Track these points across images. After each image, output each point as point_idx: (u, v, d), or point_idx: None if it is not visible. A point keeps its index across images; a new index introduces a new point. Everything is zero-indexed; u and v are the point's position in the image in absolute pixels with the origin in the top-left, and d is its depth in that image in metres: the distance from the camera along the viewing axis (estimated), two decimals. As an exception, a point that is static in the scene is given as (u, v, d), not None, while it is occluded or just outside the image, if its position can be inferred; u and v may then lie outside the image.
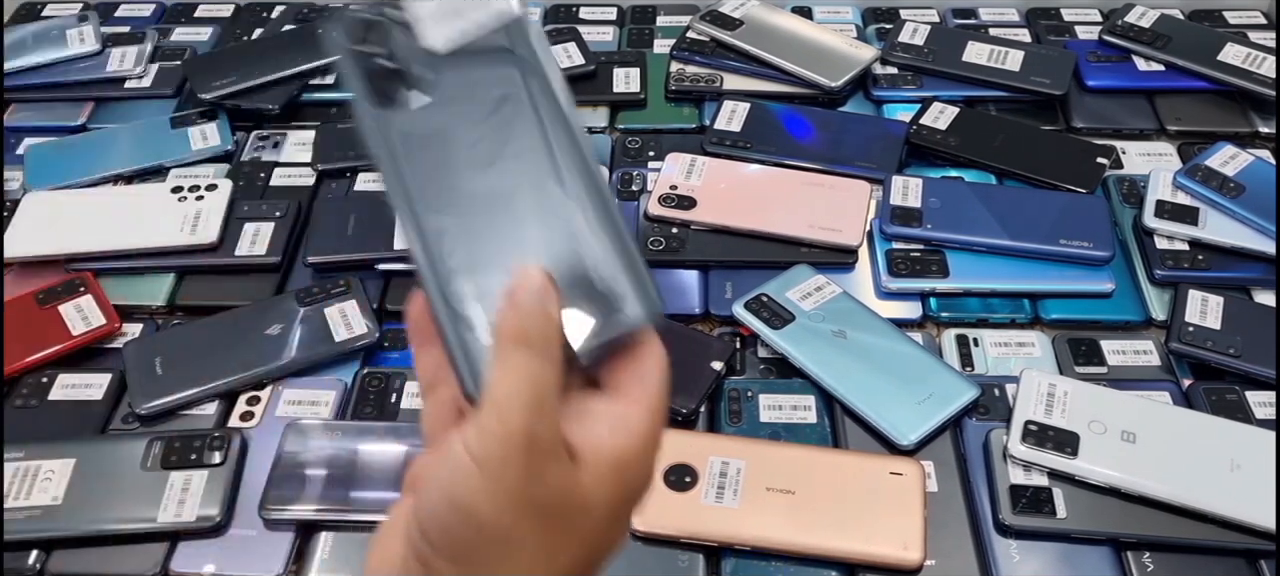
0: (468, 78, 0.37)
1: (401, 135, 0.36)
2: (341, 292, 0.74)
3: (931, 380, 0.68)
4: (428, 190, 0.36)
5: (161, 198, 0.82)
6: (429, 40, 0.37)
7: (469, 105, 0.37)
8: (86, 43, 0.97)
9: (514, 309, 0.33)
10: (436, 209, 0.36)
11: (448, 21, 0.37)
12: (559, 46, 0.96)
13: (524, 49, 0.37)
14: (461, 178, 0.36)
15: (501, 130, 0.37)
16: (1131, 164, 0.88)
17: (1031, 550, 0.60)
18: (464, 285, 0.35)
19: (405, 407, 0.69)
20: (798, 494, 0.61)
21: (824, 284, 0.74)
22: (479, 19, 0.37)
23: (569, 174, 0.36)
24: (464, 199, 0.36)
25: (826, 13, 1.06)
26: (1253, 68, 0.92)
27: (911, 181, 0.81)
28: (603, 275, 0.35)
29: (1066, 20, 1.04)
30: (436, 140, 0.36)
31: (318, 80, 0.95)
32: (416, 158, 0.36)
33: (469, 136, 0.36)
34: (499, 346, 0.32)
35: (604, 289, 0.35)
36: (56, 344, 0.72)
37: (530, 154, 0.36)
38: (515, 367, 0.32)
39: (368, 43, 0.37)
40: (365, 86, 0.36)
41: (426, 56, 0.37)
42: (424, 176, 0.36)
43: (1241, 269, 0.77)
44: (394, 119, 0.36)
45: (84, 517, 0.62)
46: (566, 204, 0.36)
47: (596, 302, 0.35)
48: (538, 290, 0.33)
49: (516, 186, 0.36)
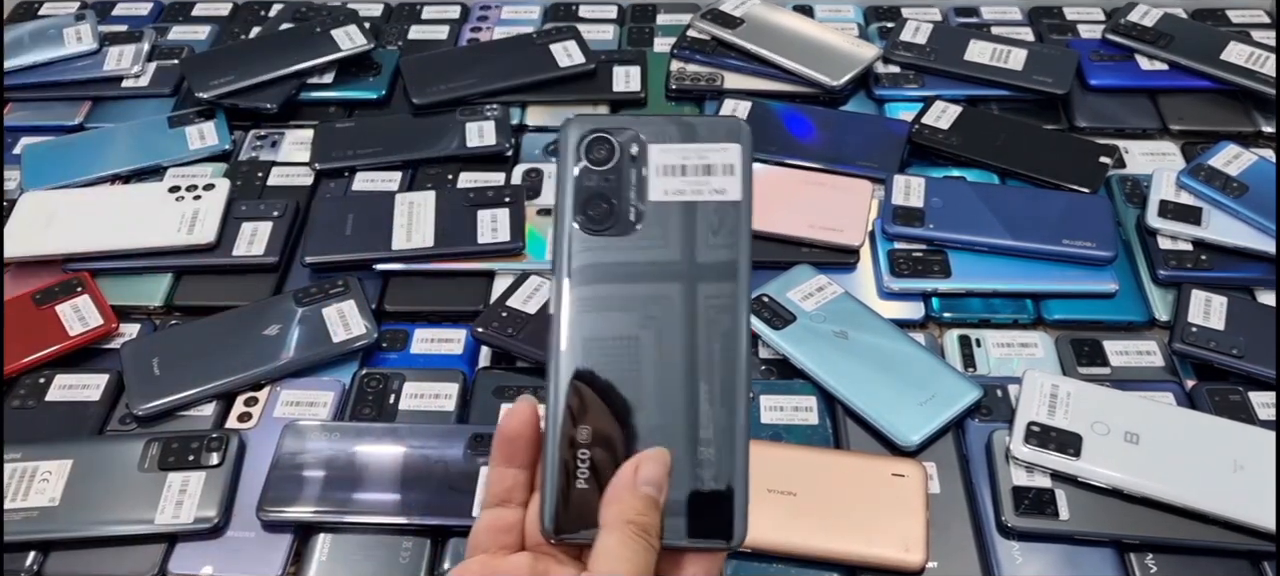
0: (671, 235, 0.37)
1: (587, 257, 0.37)
2: (340, 293, 0.74)
3: (933, 381, 0.67)
4: (587, 322, 0.37)
5: (159, 197, 0.82)
6: (652, 190, 0.37)
7: (661, 262, 0.37)
8: (84, 41, 0.96)
9: (637, 496, 0.35)
10: (586, 343, 0.37)
11: (674, 178, 0.37)
12: (558, 45, 0.95)
13: (728, 238, 0.37)
14: (625, 328, 0.37)
15: (678, 303, 0.37)
16: (1134, 163, 0.87)
17: (1034, 552, 0.60)
18: (583, 431, 0.36)
19: (403, 409, 0.68)
20: (799, 495, 0.61)
21: (825, 284, 0.74)
22: (704, 190, 0.37)
23: (722, 372, 0.37)
24: (619, 348, 0.37)
25: (828, 11, 1.06)
26: (1256, 67, 0.91)
27: (913, 181, 0.81)
28: (717, 488, 0.36)
29: (1069, 19, 1.04)
30: (617, 280, 0.37)
31: (315, 79, 0.95)
32: (591, 287, 0.37)
33: (649, 293, 0.37)
34: (617, 528, 0.34)
35: (713, 501, 0.36)
36: (54, 344, 0.72)
37: (695, 337, 0.37)
38: (630, 555, 0.34)
39: (594, 156, 0.38)
40: (575, 197, 0.37)
41: (641, 194, 0.37)
42: (590, 307, 0.37)
43: (1245, 269, 0.76)
44: (586, 238, 0.37)
45: (81, 519, 0.61)
46: (711, 399, 0.37)
47: (702, 509, 0.36)
48: (662, 481, 0.35)
49: (671, 362, 0.37)
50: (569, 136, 0.38)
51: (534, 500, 0.38)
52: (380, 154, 0.88)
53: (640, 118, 0.38)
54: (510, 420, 0.37)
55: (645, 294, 0.37)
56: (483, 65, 0.95)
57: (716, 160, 0.37)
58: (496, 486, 0.38)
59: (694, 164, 0.37)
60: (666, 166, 0.37)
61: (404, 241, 0.78)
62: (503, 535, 0.37)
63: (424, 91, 0.93)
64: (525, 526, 0.38)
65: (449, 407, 0.68)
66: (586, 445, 0.36)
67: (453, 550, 0.61)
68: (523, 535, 0.38)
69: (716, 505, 0.36)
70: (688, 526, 0.36)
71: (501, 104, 0.91)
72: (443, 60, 0.97)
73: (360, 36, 0.95)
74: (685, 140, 0.38)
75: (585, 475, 0.35)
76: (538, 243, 0.79)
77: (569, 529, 0.36)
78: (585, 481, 0.35)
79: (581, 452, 0.36)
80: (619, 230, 0.37)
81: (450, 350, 0.73)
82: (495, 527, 0.37)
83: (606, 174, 0.37)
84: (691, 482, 0.36)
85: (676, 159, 0.38)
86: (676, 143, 0.38)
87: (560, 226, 0.37)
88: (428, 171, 0.87)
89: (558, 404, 0.36)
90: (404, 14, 1.07)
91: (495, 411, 0.68)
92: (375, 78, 0.96)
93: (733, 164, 0.37)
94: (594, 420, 0.36)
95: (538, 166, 0.86)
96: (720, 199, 0.37)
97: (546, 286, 0.74)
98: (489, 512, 0.38)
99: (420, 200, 0.81)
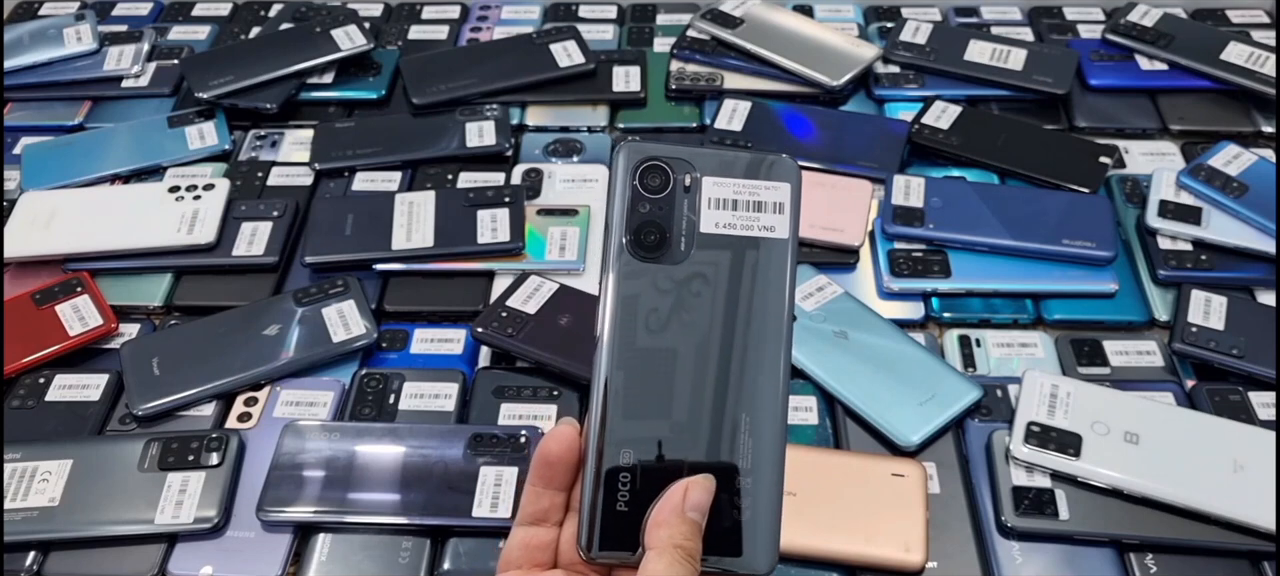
0: (719, 267, 0.38)
1: (635, 282, 0.38)
2: (339, 293, 0.74)
3: (933, 381, 0.67)
4: (631, 345, 0.37)
5: (159, 197, 0.82)
6: (703, 222, 0.38)
7: (708, 292, 0.38)
8: (83, 41, 0.96)
9: (685, 521, 0.36)
10: (631, 367, 0.37)
11: (725, 212, 0.38)
12: (558, 45, 0.95)
13: (775, 275, 0.38)
14: (669, 354, 0.37)
15: (722, 333, 0.38)
16: (1134, 163, 0.87)
17: (1034, 552, 0.60)
18: (625, 453, 0.37)
19: (403, 409, 0.68)
20: (799, 495, 0.61)
21: (825, 284, 0.74)
22: (754, 227, 0.38)
23: (763, 404, 0.38)
24: (663, 374, 0.37)
25: (828, 11, 1.05)
26: (1256, 67, 0.91)
27: (913, 181, 0.81)
28: (750, 516, 0.37)
29: (1069, 19, 1.04)
30: (663, 306, 0.38)
31: (315, 79, 0.95)
32: (637, 312, 0.37)
33: (694, 321, 0.38)
34: (665, 551, 0.35)
35: (744, 527, 0.37)
36: (54, 344, 0.72)
37: (738, 368, 0.38)
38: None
39: (647, 184, 0.38)
40: (627, 223, 0.38)
41: (692, 225, 0.38)
42: (635, 331, 0.37)
43: (1245, 269, 0.76)
44: (635, 264, 0.38)
45: (81, 519, 0.61)
46: (750, 429, 0.37)
47: (733, 534, 0.37)
48: (707, 509, 0.36)
49: (713, 391, 0.37)
50: (624, 162, 0.38)
51: (570, 520, 0.38)
52: (380, 154, 0.88)
53: (695, 150, 0.39)
54: (553, 444, 0.38)
55: (690, 322, 0.38)
56: (482, 65, 0.95)
57: (768, 198, 0.38)
58: (532, 505, 0.38)
59: (746, 199, 0.38)
60: (719, 200, 0.38)
61: (404, 241, 0.78)
62: (536, 553, 0.38)
63: (424, 91, 0.93)
64: (558, 546, 0.39)
65: (449, 407, 0.68)
66: (628, 469, 0.36)
67: (452, 550, 0.61)
68: (556, 554, 0.38)
69: (752, 534, 0.37)
70: (723, 552, 0.37)
71: (501, 104, 0.91)
72: (442, 60, 0.97)
73: (360, 36, 0.95)
74: (739, 176, 0.38)
75: (625, 498, 0.36)
76: (537, 242, 0.79)
77: (607, 548, 0.37)
78: (625, 504, 0.36)
79: (623, 475, 0.36)
80: (669, 258, 0.38)
81: (450, 350, 0.73)
82: (529, 545, 0.38)
83: (660, 203, 0.38)
84: (729, 510, 0.37)
85: (729, 193, 0.38)
86: (730, 177, 0.38)
87: (609, 250, 0.38)
88: (427, 171, 0.87)
89: (602, 426, 0.37)
90: (404, 14, 1.07)
91: (495, 411, 0.68)
92: (375, 78, 0.96)
93: (783, 203, 0.38)
94: (637, 444, 0.37)
95: (537, 166, 0.86)
96: (769, 236, 0.38)
97: (546, 286, 0.74)
98: (523, 530, 0.38)
99: (420, 200, 0.81)
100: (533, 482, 0.38)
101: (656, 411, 0.37)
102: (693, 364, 0.37)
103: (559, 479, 0.38)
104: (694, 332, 0.38)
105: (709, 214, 0.38)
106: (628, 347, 0.37)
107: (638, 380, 0.37)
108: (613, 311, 0.37)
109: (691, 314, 0.38)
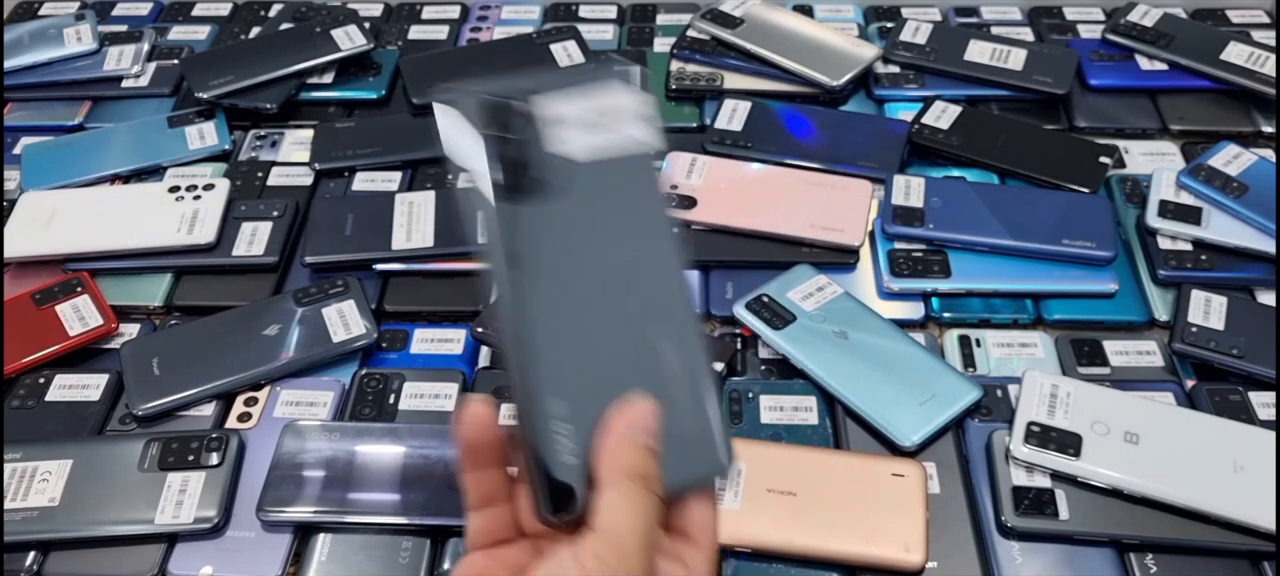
0: (595, 193, 0.37)
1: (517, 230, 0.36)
2: (340, 293, 0.74)
3: (933, 381, 0.67)
4: (533, 297, 0.35)
5: (158, 197, 0.82)
6: (568, 145, 0.36)
7: (591, 223, 0.36)
8: (83, 41, 0.96)
9: (632, 446, 0.34)
10: (540, 318, 0.35)
11: (588, 133, 0.37)
12: (559, 45, 0.95)
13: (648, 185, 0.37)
14: (571, 293, 0.36)
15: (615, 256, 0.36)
16: (1134, 163, 0.87)
17: (1034, 552, 0.60)
18: (557, 404, 0.35)
19: (403, 409, 0.68)
20: (799, 495, 0.61)
21: (825, 284, 0.74)
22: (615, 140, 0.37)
23: (671, 312, 0.36)
24: (570, 313, 0.36)
25: (828, 11, 1.05)
26: (1256, 67, 0.91)
27: (913, 181, 0.81)
28: (695, 423, 0.36)
29: (1069, 19, 1.03)
30: (553, 249, 0.36)
31: (315, 79, 0.95)
32: (527, 260, 0.36)
33: (585, 252, 0.36)
34: (617, 481, 0.33)
35: (694, 436, 0.36)
36: (54, 344, 0.72)
37: (638, 287, 0.36)
38: (634, 505, 0.33)
39: (497, 127, 0.36)
40: (493, 173, 0.36)
41: (556, 157, 0.36)
42: (531, 281, 0.36)
43: (1245, 269, 0.76)
44: (512, 211, 0.36)
45: (81, 519, 0.61)
46: (669, 343, 0.36)
47: (687, 448, 0.36)
48: (654, 429, 0.34)
49: (621, 315, 0.36)
50: (465, 110, 0.37)
51: (521, 491, 0.37)
52: (380, 154, 0.88)
53: (528, 76, 0.37)
54: (468, 429, 0.36)
55: (582, 254, 0.36)
56: (483, 65, 0.95)
57: (616, 107, 0.37)
58: (476, 490, 0.37)
59: (594, 114, 0.37)
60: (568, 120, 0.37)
61: (404, 241, 0.78)
62: (497, 532, 0.37)
63: (424, 91, 0.93)
64: (517, 518, 0.37)
65: (449, 407, 0.68)
66: (563, 418, 0.35)
67: (452, 550, 0.61)
68: (517, 526, 0.37)
69: (698, 440, 0.36)
70: (677, 468, 0.35)
71: (501, 104, 0.91)
72: (443, 60, 0.97)
73: (360, 36, 0.95)
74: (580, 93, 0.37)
75: (569, 448, 0.35)
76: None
77: (566, 506, 0.35)
78: (570, 454, 0.35)
79: (560, 426, 0.35)
80: (540, 195, 0.36)
81: (450, 350, 0.73)
82: (487, 528, 0.37)
83: (518, 137, 0.36)
84: (669, 425, 0.35)
85: (575, 111, 0.37)
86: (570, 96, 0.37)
87: (483, 207, 0.36)
88: (427, 171, 0.87)
89: (525, 386, 0.35)
90: (404, 14, 1.07)
91: (495, 411, 0.68)
92: (375, 78, 0.96)
93: (632, 108, 0.37)
94: (564, 391, 0.35)
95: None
96: (630, 146, 0.37)
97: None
98: (477, 515, 0.37)
99: (420, 200, 0.81)
100: (466, 469, 0.37)
101: (575, 352, 0.36)
102: (595, 295, 0.36)
103: (489, 458, 0.37)
104: (585, 263, 0.36)
105: (562, 137, 0.36)
106: (529, 300, 0.35)
107: (548, 328, 0.35)
108: (502, 267, 0.36)
109: (579, 245, 0.36)
